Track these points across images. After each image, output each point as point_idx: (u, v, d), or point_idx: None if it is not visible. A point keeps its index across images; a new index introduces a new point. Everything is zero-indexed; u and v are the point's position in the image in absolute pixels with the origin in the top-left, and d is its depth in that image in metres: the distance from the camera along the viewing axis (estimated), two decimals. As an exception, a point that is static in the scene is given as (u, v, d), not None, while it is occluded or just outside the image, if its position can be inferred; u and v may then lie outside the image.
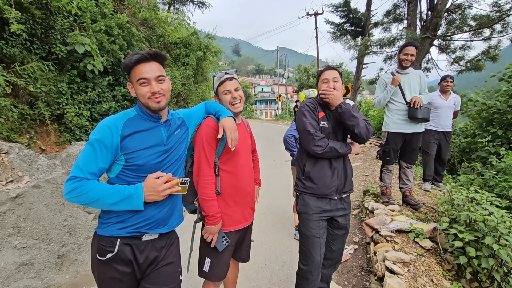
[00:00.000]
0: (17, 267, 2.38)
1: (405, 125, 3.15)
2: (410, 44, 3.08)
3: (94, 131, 1.20)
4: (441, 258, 2.43)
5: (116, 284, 1.24)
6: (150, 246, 1.29)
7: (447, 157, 4.31)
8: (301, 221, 1.87)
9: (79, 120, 4.81)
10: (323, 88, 1.81)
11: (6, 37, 3.92)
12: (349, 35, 13.08)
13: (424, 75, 3.24)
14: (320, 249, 1.81)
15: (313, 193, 1.82)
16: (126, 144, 1.21)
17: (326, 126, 1.82)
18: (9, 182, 3.21)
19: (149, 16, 7.81)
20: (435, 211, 3.34)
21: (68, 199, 1.14)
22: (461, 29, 8.50)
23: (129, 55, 1.24)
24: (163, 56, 1.28)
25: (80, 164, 1.15)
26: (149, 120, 1.29)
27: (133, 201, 1.18)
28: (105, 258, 1.21)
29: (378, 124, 12.63)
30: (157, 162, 1.27)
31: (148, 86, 1.23)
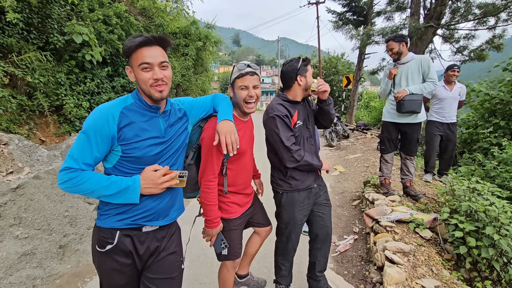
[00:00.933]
0: (19, 257, 2.40)
1: (396, 116, 3.17)
2: (387, 40, 3.14)
3: (89, 118, 1.12)
4: (441, 248, 2.44)
5: (116, 275, 1.23)
6: (151, 236, 1.26)
7: (454, 149, 4.22)
8: (285, 212, 1.93)
9: (78, 111, 4.78)
10: (320, 82, 1.80)
11: (2, 26, 3.86)
12: (351, 24, 12.85)
13: (427, 59, 3.04)
14: (299, 232, 2.01)
15: (299, 189, 1.89)
16: (123, 135, 1.15)
17: (301, 124, 1.85)
18: (9, 173, 3.21)
19: (148, 5, 7.66)
20: (435, 201, 3.34)
21: (63, 189, 1.11)
22: (466, 17, 8.31)
23: (131, 37, 1.15)
24: (167, 40, 1.20)
25: (74, 154, 1.11)
26: (147, 110, 1.21)
27: (129, 194, 1.15)
28: (104, 250, 1.19)
29: (380, 115, 12.57)
30: (154, 153, 1.22)
31: (151, 72, 1.14)
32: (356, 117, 15.12)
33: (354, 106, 13.99)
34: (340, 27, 12.78)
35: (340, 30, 12.80)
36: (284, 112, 1.77)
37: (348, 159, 6.88)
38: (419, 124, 3.18)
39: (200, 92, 10.25)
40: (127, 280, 1.26)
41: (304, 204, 1.92)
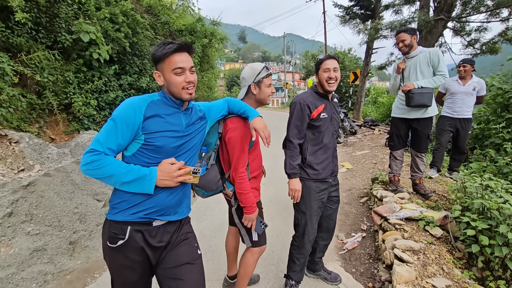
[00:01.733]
0: (30, 253, 2.45)
1: (406, 110, 3.08)
2: (399, 31, 3.03)
3: (118, 108, 1.21)
4: (452, 247, 2.39)
5: (127, 271, 1.25)
6: (162, 230, 1.29)
7: (465, 145, 4.09)
8: (302, 201, 2.03)
9: (87, 109, 4.84)
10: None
11: (11, 26, 3.92)
12: (358, 18, 12.61)
13: (436, 51, 2.93)
14: (315, 224, 2.07)
15: (315, 179, 2.00)
16: (148, 125, 1.22)
17: (326, 117, 1.97)
18: (20, 170, 3.28)
19: (153, 2, 7.67)
20: (446, 199, 3.28)
21: (84, 170, 1.15)
22: (478, 9, 8.05)
23: (160, 44, 1.24)
24: (194, 48, 1.33)
25: (100, 138, 1.17)
26: (171, 106, 1.31)
27: (145, 183, 1.19)
28: (116, 245, 1.22)
29: (388, 110, 12.39)
30: (175, 146, 1.29)
31: (183, 76, 1.25)
32: (363, 113, 14.92)
33: (361, 102, 13.80)
34: (347, 21, 12.57)
35: (347, 25, 12.58)
36: (307, 102, 1.93)
37: (356, 155, 6.80)
38: (430, 119, 3.07)
39: (206, 89, 10.26)
40: (138, 276, 1.28)
41: (320, 195, 2.01)
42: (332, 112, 2.02)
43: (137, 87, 6.19)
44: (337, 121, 2.08)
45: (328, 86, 1.91)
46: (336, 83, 1.91)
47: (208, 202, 3.94)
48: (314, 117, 1.93)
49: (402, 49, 3.03)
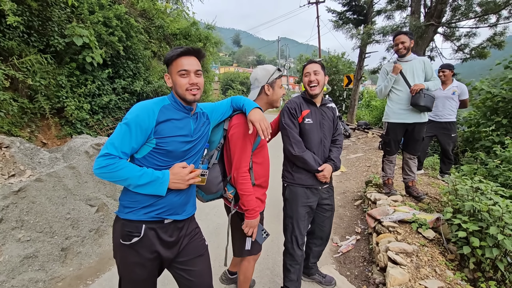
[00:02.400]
0: (21, 260, 2.40)
1: (405, 115, 3.07)
2: (399, 33, 3.06)
3: (131, 111, 1.24)
4: (444, 248, 2.42)
5: (138, 268, 1.29)
6: (172, 227, 1.36)
7: (449, 147, 4.19)
8: (289, 205, 2.03)
9: (80, 114, 4.79)
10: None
11: (3, 29, 3.87)
12: (351, 23, 12.82)
13: (428, 61, 3.12)
14: (304, 230, 2.02)
15: (301, 184, 1.98)
16: (160, 129, 1.26)
17: (311, 122, 1.95)
18: (11, 176, 3.22)
19: (148, 6, 7.67)
20: (438, 201, 3.33)
21: (97, 174, 1.18)
22: (467, 15, 8.27)
23: (172, 48, 1.33)
24: (203, 53, 1.38)
25: (115, 142, 1.20)
26: (181, 111, 1.36)
27: (158, 185, 1.24)
28: (130, 243, 1.26)
29: (381, 114, 12.52)
30: (184, 150, 1.35)
31: (188, 78, 1.30)
32: (357, 116, 15.08)
33: (355, 105, 13.97)
34: (340, 26, 12.76)
35: (340, 30, 12.78)
36: (293, 105, 1.96)
37: (350, 158, 6.86)
38: (425, 123, 3.14)
39: (200, 92, 10.23)
40: (148, 275, 1.33)
41: (308, 201, 1.98)
42: (321, 118, 2.00)
43: (131, 91, 6.15)
44: (329, 127, 2.03)
45: (310, 90, 1.93)
46: (318, 86, 1.91)
47: (203, 206, 3.92)
48: (300, 121, 1.95)
49: (400, 50, 3.03)
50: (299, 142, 1.92)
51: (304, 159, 1.89)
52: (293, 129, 1.94)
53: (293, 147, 1.91)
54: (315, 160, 1.92)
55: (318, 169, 1.92)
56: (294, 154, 1.90)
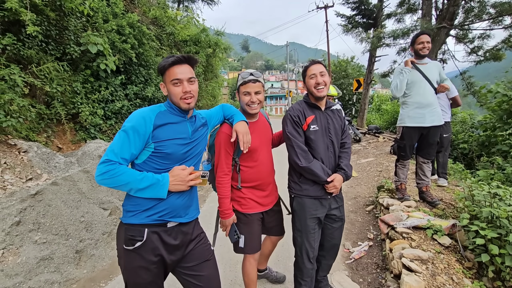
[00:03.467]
0: (38, 262, 2.46)
1: (421, 119, 2.99)
2: (423, 33, 3.00)
3: (129, 119, 1.28)
4: (461, 256, 2.35)
5: (143, 272, 1.30)
6: (176, 230, 1.38)
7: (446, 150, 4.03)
8: (297, 218, 1.93)
9: (94, 119, 4.92)
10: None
11: (23, 39, 4.03)
12: (360, 27, 12.76)
13: (440, 65, 3.11)
14: (314, 242, 1.90)
15: (308, 195, 1.88)
16: (158, 134, 1.30)
17: (316, 129, 1.84)
18: (28, 179, 3.32)
19: (159, 14, 7.86)
20: (453, 207, 3.23)
21: (99, 180, 1.21)
22: (480, 17, 8.12)
23: (164, 58, 1.35)
24: (195, 59, 1.39)
25: (114, 148, 1.23)
26: (177, 115, 1.39)
27: (158, 188, 1.27)
28: (133, 247, 1.27)
29: (392, 118, 12.34)
30: (183, 152, 1.37)
31: (181, 86, 1.32)
32: (367, 120, 14.90)
33: (365, 109, 13.81)
34: (349, 30, 12.72)
35: (349, 34, 12.74)
36: (296, 113, 1.85)
37: (360, 163, 6.77)
38: (440, 127, 3.07)
39: (210, 98, 10.36)
40: (153, 277, 1.33)
41: (317, 213, 1.88)
42: (327, 122, 1.88)
43: (143, 97, 6.28)
44: (336, 131, 1.90)
45: (318, 92, 1.79)
46: (326, 87, 1.79)
47: (214, 210, 3.94)
48: (304, 128, 1.83)
49: (424, 50, 2.97)
50: (305, 152, 1.80)
51: (312, 170, 1.77)
52: (297, 139, 1.81)
53: (299, 158, 1.79)
54: (323, 170, 1.80)
55: (327, 180, 1.80)
56: (301, 165, 1.79)
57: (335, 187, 1.83)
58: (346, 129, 2.02)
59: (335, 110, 1.98)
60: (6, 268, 2.30)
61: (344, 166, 1.89)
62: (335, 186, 1.82)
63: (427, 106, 2.97)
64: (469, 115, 7.74)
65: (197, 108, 8.74)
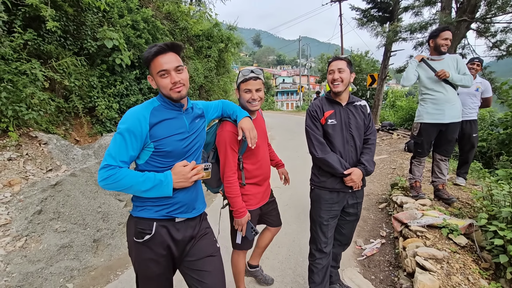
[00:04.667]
0: (58, 249, 2.57)
1: (440, 115, 2.92)
2: (447, 29, 2.89)
3: (123, 120, 1.23)
4: (478, 256, 2.29)
5: (152, 264, 1.32)
6: (184, 225, 1.38)
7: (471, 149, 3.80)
8: (313, 208, 2.01)
9: (109, 113, 5.03)
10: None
11: (43, 34, 4.15)
12: (376, 21, 12.41)
13: (461, 58, 2.99)
14: (328, 233, 1.95)
15: (326, 187, 1.91)
16: (155, 132, 1.26)
17: (334, 123, 1.87)
18: (49, 170, 3.46)
19: (173, 9, 7.90)
20: (470, 206, 3.15)
21: (102, 186, 1.20)
22: (504, 10, 7.73)
23: (147, 48, 1.26)
24: (179, 46, 1.30)
25: (112, 152, 1.20)
26: (172, 110, 1.34)
27: (163, 188, 1.25)
28: (142, 240, 1.29)
29: (407, 114, 12.04)
30: (183, 147, 1.34)
31: (169, 77, 1.25)
32: (381, 116, 14.60)
33: (379, 105, 13.51)
34: (364, 24, 12.40)
35: (364, 27, 12.41)
36: (314, 108, 1.92)
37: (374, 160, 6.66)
38: (459, 123, 3.01)
39: (222, 92, 10.39)
40: (162, 270, 1.35)
41: (332, 206, 1.91)
42: (348, 117, 1.90)
43: (156, 91, 6.35)
44: (357, 126, 1.91)
45: (333, 87, 1.85)
46: (342, 84, 1.82)
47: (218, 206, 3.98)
48: (323, 122, 1.89)
49: (444, 48, 2.88)
50: (322, 144, 1.86)
51: (327, 161, 1.82)
52: (315, 131, 1.88)
53: (316, 149, 1.86)
54: (340, 162, 1.83)
55: (344, 173, 1.82)
56: (317, 156, 1.85)
57: (353, 181, 1.83)
58: (372, 125, 1.99)
59: (358, 105, 1.96)
60: (29, 255, 2.41)
61: (364, 161, 1.89)
62: (353, 180, 1.83)
63: (446, 102, 2.90)
64: (489, 112, 7.45)
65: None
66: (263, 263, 2.71)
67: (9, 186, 2.97)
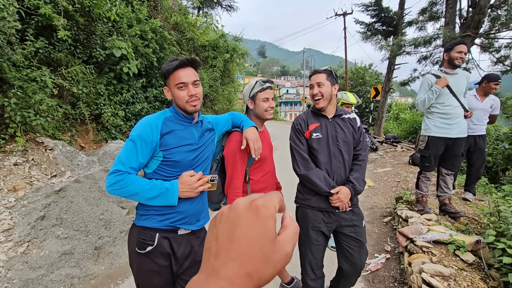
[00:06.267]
0: (59, 256, 2.56)
1: (448, 129, 2.93)
2: (462, 42, 2.88)
3: (136, 128, 1.28)
4: (485, 274, 2.23)
5: (154, 276, 1.31)
6: (186, 240, 1.38)
7: (482, 164, 3.86)
8: (300, 228, 1.86)
9: (115, 120, 5.09)
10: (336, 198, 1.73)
11: (53, 42, 4.25)
12: (380, 34, 12.57)
13: (469, 76, 3.02)
14: (317, 254, 1.84)
15: (311, 206, 1.81)
16: (165, 141, 1.29)
17: (320, 137, 1.78)
18: (53, 176, 3.47)
19: (180, 20, 8.09)
20: (477, 222, 3.10)
21: (109, 191, 1.22)
22: (507, 26, 7.80)
23: (167, 61, 1.32)
24: (198, 62, 1.37)
25: (122, 158, 1.24)
26: (183, 121, 1.38)
27: (168, 196, 1.27)
28: (145, 251, 1.28)
29: (410, 127, 12.02)
30: (191, 159, 1.36)
31: (186, 90, 1.31)
32: (384, 129, 14.58)
33: (382, 117, 13.51)
34: (368, 37, 12.54)
35: (368, 41, 12.55)
36: (299, 121, 1.86)
37: (377, 172, 6.61)
38: (466, 138, 3.02)
39: (226, 102, 10.49)
40: (164, 282, 1.34)
41: (321, 225, 1.80)
42: (335, 130, 1.79)
43: (162, 100, 6.45)
44: (345, 140, 1.79)
45: (315, 103, 1.80)
46: (323, 99, 1.74)
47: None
48: (307, 136, 1.80)
49: (459, 60, 2.84)
50: (305, 160, 1.77)
51: (310, 178, 1.71)
52: (298, 146, 1.80)
53: (298, 165, 1.78)
54: (325, 180, 1.70)
55: (329, 191, 1.69)
56: (300, 173, 1.77)
57: (340, 200, 1.69)
58: (362, 139, 1.87)
59: (347, 118, 1.85)
60: (30, 261, 2.40)
61: (353, 179, 1.75)
62: (340, 199, 1.69)
63: (454, 118, 2.92)
64: (494, 127, 7.42)
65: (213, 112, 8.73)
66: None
67: (14, 191, 2.98)
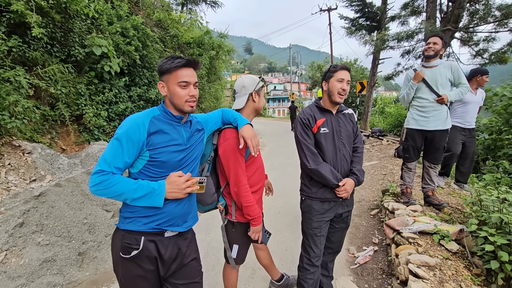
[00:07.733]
0: (40, 263, 2.45)
1: (425, 122, 2.99)
2: (435, 35, 2.97)
3: (122, 126, 1.23)
4: (469, 262, 2.30)
5: (141, 281, 1.27)
6: (172, 242, 1.33)
7: (474, 156, 4.03)
8: (304, 220, 1.96)
9: (97, 121, 4.93)
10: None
11: (28, 41, 4.05)
12: (364, 30, 12.72)
13: (457, 65, 2.97)
14: (320, 245, 1.92)
15: (318, 198, 1.88)
16: (152, 141, 1.25)
17: (327, 131, 1.84)
18: (32, 181, 3.33)
19: (163, 17, 7.90)
20: (460, 211, 3.18)
21: (93, 191, 1.17)
22: (485, 20, 8.04)
23: (168, 57, 1.29)
24: (200, 65, 1.39)
25: (107, 158, 1.18)
26: (172, 121, 1.34)
27: (154, 197, 1.23)
28: (130, 256, 1.23)
29: (396, 121, 12.29)
30: (178, 159, 1.32)
31: (187, 89, 1.30)
32: (370, 123, 14.84)
33: (368, 112, 13.75)
34: (353, 33, 12.68)
35: (353, 36, 12.69)
36: (306, 116, 1.86)
37: (364, 166, 6.72)
38: (447, 131, 3.03)
39: (213, 100, 10.37)
40: (151, 286, 1.31)
41: (324, 216, 1.88)
42: (338, 126, 1.89)
43: (146, 99, 6.30)
44: (347, 135, 1.91)
45: (339, 97, 1.81)
46: (345, 96, 1.83)
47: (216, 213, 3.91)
48: (314, 131, 1.84)
49: (428, 51, 2.93)
50: (314, 154, 1.81)
51: (320, 173, 1.77)
52: (307, 141, 1.83)
53: (308, 160, 1.80)
54: (333, 173, 1.79)
55: (337, 184, 1.79)
56: (309, 167, 1.80)
57: (346, 191, 1.82)
58: (359, 133, 1.99)
59: (347, 114, 1.96)
60: (9, 270, 2.29)
61: (356, 171, 1.88)
62: (346, 190, 1.82)
63: (431, 110, 2.96)
64: (474, 118, 7.67)
65: (200, 110, 8.63)
66: (255, 273, 2.65)
67: (-11, 198, 2.83)
